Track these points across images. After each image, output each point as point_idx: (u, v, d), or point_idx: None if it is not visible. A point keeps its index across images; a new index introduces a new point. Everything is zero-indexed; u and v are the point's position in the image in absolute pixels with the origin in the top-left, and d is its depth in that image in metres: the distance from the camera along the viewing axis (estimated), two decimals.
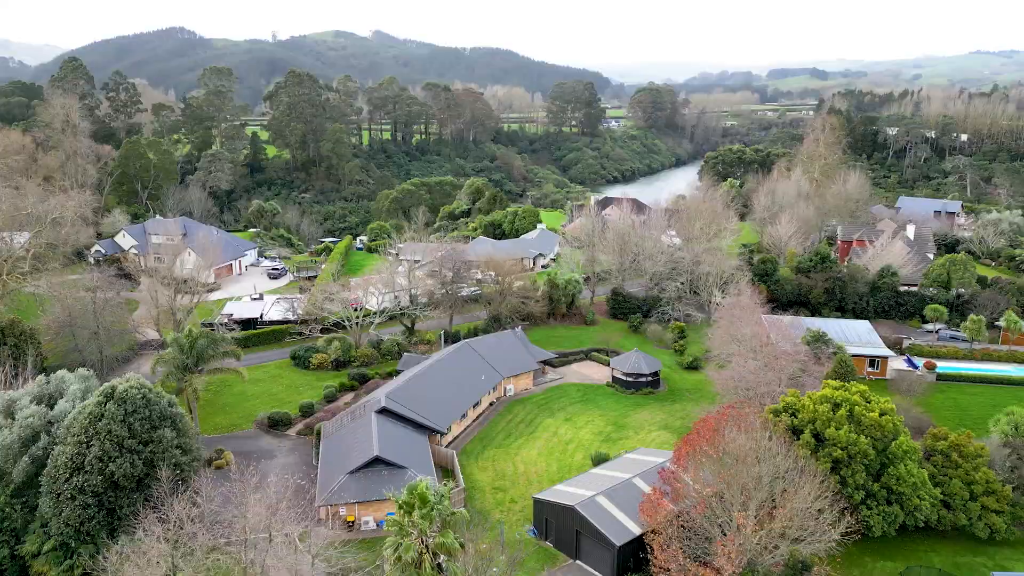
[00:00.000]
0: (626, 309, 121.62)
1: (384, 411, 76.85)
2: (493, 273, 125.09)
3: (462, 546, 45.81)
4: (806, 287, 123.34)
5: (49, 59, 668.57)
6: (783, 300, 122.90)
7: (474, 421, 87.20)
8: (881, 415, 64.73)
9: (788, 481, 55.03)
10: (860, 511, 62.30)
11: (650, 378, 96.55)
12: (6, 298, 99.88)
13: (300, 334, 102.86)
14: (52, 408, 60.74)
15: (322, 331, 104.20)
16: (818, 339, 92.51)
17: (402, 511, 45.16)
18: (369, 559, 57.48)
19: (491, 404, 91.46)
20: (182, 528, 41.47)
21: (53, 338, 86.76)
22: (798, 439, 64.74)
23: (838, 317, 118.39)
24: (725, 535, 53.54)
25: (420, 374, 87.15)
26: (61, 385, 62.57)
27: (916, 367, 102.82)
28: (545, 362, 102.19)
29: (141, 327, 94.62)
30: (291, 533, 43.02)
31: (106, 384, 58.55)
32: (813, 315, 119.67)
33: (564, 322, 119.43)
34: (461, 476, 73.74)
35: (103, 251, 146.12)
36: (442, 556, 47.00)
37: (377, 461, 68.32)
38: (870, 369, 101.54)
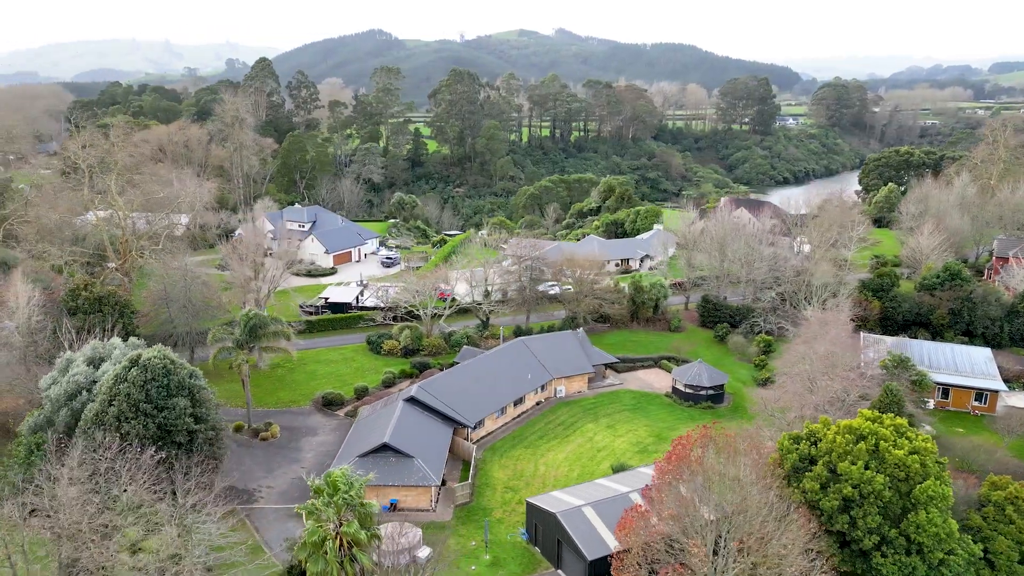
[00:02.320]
0: (715, 317, 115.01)
1: (413, 400, 78.81)
2: (591, 273, 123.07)
3: (377, 537, 46.30)
4: (927, 306, 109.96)
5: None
6: (898, 319, 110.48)
7: (514, 419, 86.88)
8: (910, 453, 57.06)
9: (757, 515, 50.20)
10: (872, 557, 55.54)
11: (711, 391, 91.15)
12: (134, 272, 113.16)
13: (373, 320, 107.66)
14: (98, 369, 68.49)
15: (397, 319, 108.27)
16: (899, 364, 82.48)
17: (315, 496, 46.52)
18: None
19: (537, 403, 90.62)
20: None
21: (151, 310, 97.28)
22: (810, 470, 58.91)
23: (963, 342, 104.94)
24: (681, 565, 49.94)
25: (464, 367, 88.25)
26: (111, 350, 70.31)
27: None
28: (609, 366, 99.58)
29: (228, 305, 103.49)
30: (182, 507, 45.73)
31: (134, 351, 65.11)
32: (933, 338, 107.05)
33: (647, 327, 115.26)
34: (473, 472, 74.14)
35: (243, 235, 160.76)
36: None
37: (385, 448, 70.14)
38: (976, 403, 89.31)
